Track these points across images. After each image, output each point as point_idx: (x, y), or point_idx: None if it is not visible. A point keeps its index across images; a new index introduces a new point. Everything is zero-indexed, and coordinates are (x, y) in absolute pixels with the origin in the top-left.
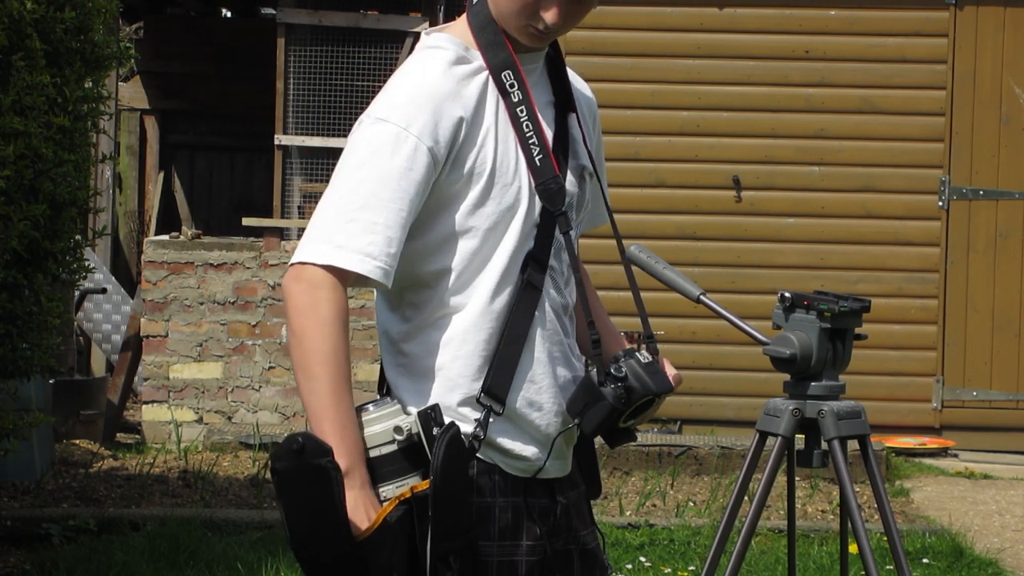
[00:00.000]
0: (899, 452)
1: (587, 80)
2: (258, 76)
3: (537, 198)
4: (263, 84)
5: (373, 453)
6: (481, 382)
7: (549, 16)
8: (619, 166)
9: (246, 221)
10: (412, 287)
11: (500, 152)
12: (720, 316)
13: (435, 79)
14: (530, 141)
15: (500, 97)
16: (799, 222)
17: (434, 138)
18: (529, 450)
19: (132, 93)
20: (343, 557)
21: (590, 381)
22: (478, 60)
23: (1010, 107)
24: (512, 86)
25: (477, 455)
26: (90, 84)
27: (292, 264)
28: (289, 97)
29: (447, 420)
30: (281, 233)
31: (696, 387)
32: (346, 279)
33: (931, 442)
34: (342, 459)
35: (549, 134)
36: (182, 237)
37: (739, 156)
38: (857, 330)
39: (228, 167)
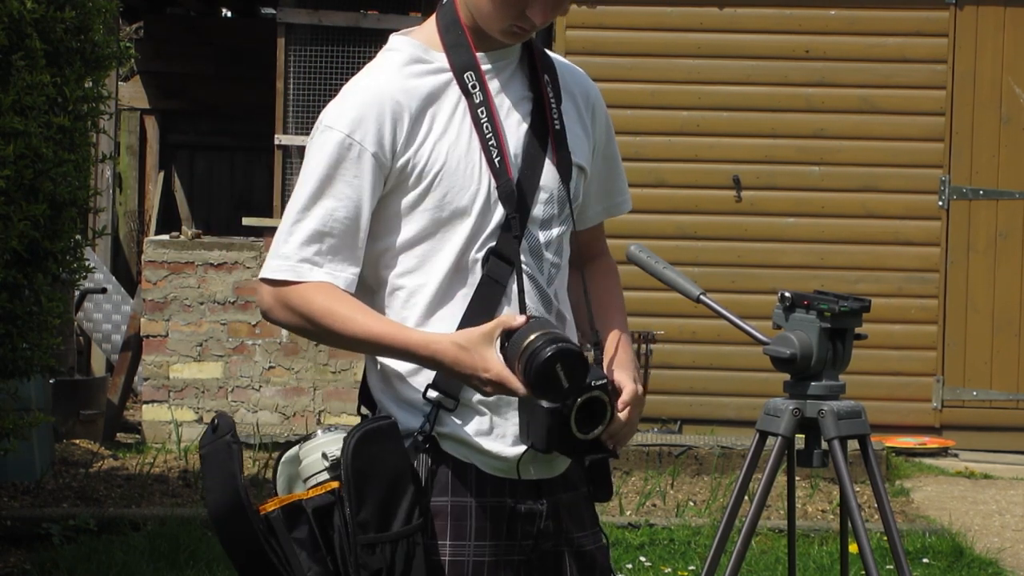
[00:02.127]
0: (899, 452)
1: None
2: (258, 76)
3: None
4: (263, 84)
5: (312, 482)
6: (431, 377)
7: (536, 15)
8: None
9: (246, 221)
10: (378, 290)
11: (455, 153)
12: (720, 316)
13: (382, 82)
14: (489, 143)
15: (464, 98)
16: (799, 222)
17: (379, 143)
18: (510, 451)
19: (132, 93)
20: (251, 539)
21: (521, 397)
22: (439, 61)
23: (1010, 107)
24: (474, 87)
25: (450, 453)
26: (90, 84)
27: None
28: (289, 97)
29: (390, 415)
30: None
31: (696, 387)
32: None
33: (931, 442)
34: (435, 349)
35: (516, 132)
36: (182, 237)
37: (739, 156)
38: (857, 330)
39: (228, 167)
